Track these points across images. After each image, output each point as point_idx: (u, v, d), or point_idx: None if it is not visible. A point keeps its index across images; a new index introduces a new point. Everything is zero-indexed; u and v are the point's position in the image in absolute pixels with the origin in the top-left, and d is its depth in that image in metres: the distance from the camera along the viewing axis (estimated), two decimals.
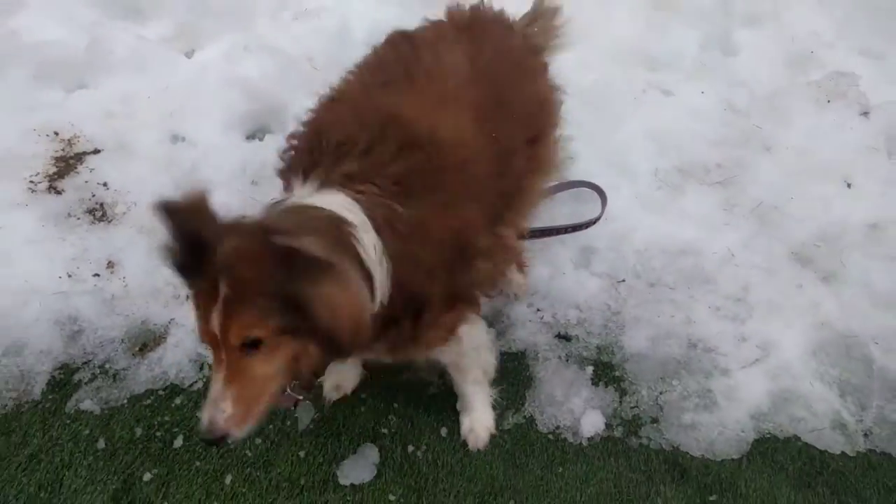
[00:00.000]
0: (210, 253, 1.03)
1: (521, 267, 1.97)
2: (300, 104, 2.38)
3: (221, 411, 1.09)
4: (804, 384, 1.84)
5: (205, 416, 1.11)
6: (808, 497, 1.65)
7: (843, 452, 1.74)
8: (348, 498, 1.57)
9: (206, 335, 1.09)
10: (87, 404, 1.68)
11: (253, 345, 1.08)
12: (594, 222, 2.06)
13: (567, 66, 1.96)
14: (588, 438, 1.72)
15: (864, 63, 2.68)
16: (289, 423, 1.69)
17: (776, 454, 1.72)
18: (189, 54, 2.59)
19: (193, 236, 1.03)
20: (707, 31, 2.69)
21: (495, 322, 1.93)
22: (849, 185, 2.35)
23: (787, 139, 2.47)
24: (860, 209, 2.25)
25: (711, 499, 1.63)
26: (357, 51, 2.17)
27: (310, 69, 2.45)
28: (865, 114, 2.52)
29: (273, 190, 2.07)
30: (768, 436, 1.76)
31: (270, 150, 2.31)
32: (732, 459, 1.71)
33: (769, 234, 2.19)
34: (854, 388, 1.85)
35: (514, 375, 1.82)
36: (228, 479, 1.58)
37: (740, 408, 1.80)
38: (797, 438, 1.76)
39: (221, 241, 1.04)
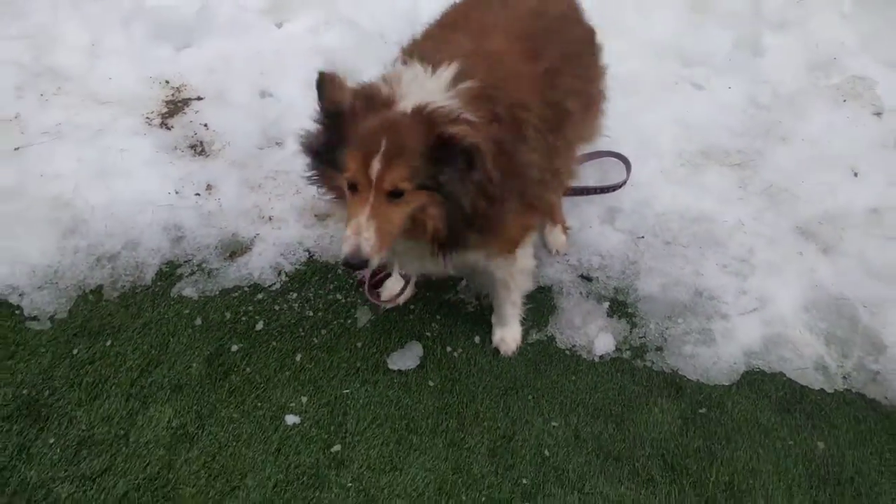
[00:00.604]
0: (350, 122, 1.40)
1: (564, 228, 2.29)
2: (372, 72, 2.78)
3: (365, 239, 1.39)
4: (794, 332, 2.10)
5: (348, 244, 1.40)
6: (785, 419, 1.91)
7: (822, 389, 1.99)
8: (395, 380, 1.90)
9: (361, 178, 1.40)
10: (188, 291, 2.06)
11: (397, 194, 1.41)
12: (620, 186, 2.37)
13: (607, 56, 2.27)
14: (599, 356, 2.02)
15: (883, 72, 2.92)
16: (349, 321, 2.03)
17: (762, 384, 1.99)
18: (279, 25, 2.98)
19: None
20: (738, 33, 2.97)
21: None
22: (855, 174, 2.59)
23: (802, 131, 2.73)
24: (863, 196, 2.50)
25: (701, 411, 1.91)
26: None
27: (382, 43, 2.81)
28: (878, 114, 2.77)
29: None
30: (757, 370, 2.03)
31: None
32: (723, 385, 1.99)
33: (777, 211, 2.45)
34: (839, 339, 2.10)
35: (540, 303, 2.13)
36: (298, 357, 1.93)
37: (735, 345, 2.07)
38: (782, 374, 2.02)
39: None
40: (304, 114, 2.66)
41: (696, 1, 3.03)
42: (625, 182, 2.37)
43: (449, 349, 1.99)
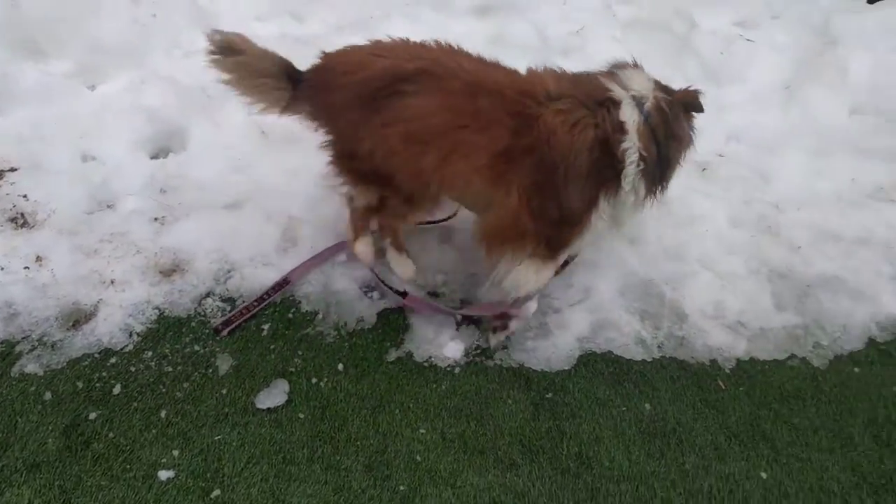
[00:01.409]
0: None
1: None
2: (199, 127, 2.82)
3: None
4: (615, 314, 2.43)
5: None
6: (618, 390, 2.21)
7: (643, 359, 2.33)
8: (265, 419, 1.95)
9: None
10: (30, 368, 1.97)
11: None
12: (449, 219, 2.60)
13: None
14: (454, 362, 2.20)
15: None
16: (211, 370, 2.05)
17: (595, 364, 2.28)
18: (92, 87, 2.92)
19: None
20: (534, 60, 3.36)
21: (377, 288, 2.40)
22: None
23: None
24: None
25: (548, 396, 2.15)
26: None
27: (205, 97, 2.85)
28: None
29: (180, 199, 2.46)
30: (590, 352, 2.32)
31: (173, 167, 2.70)
32: (564, 370, 2.25)
33: None
34: (651, 315, 2.46)
35: (394, 323, 2.28)
36: (163, 413, 1.92)
37: (569, 334, 2.35)
38: (611, 353, 2.33)
39: None
40: (132, 173, 2.68)
41: (493, 36, 3.39)
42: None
43: (314, 380, 2.08)
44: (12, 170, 2.54)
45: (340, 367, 2.13)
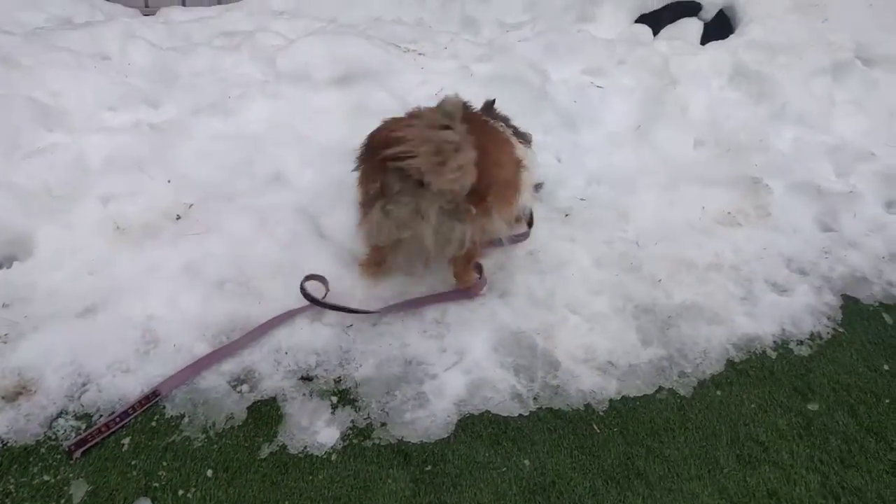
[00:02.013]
0: None
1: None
2: (46, 231, 2.69)
3: None
4: (490, 372, 2.47)
5: None
6: (497, 450, 2.24)
7: (520, 414, 2.37)
8: None
9: None
10: None
11: None
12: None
13: None
14: (331, 449, 2.16)
15: None
16: (64, 500, 1.92)
17: (474, 426, 2.30)
18: None
19: None
20: None
21: (247, 379, 2.34)
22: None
23: None
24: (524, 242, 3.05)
25: (427, 468, 2.15)
26: (94, 178, 2.58)
27: (50, 198, 2.73)
28: None
29: (27, 311, 2.34)
30: (467, 415, 2.34)
31: (18, 277, 2.56)
32: (443, 438, 2.25)
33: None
34: (525, 367, 2.51)
35: (266, 417, 2.23)
36: None
37: (446, 400, 2.36)
38: (488, 412, 2.36)
39: None
40: None
41: (355, 105, 3.45)
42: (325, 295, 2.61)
43: (181, 492, 1.98)
44: None
45: (210, 472, 2.04)
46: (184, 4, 4.33)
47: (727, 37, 4.33)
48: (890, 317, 3.03)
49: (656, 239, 3.22)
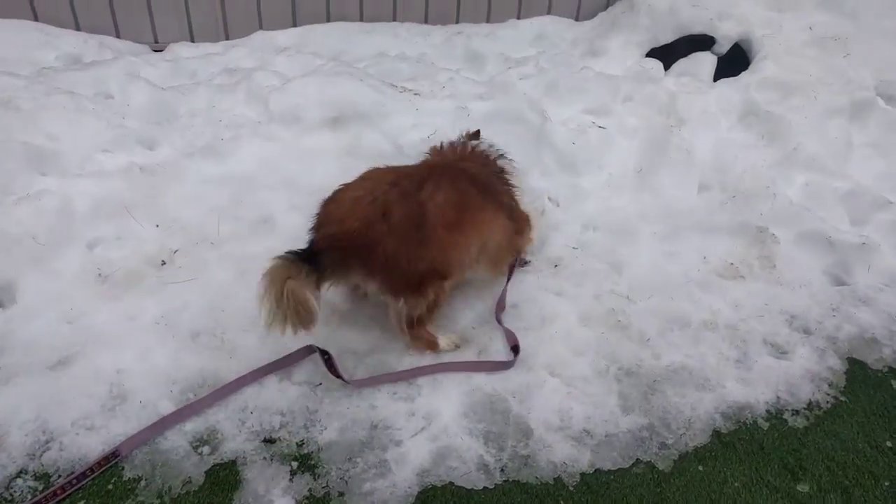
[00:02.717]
0: None
1: None
2: (29, 279, 2.72)
3: None
4: (457, 440, 2.39)
5: None
6: None
7: (484, 487, 2.28)
8: None
9: None
10: None
11: None
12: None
13: None
14: None
15: None
16: None
17: (434, 500, 2.23)
18: None
19: None
20: None
21: (210, 440, 2.31)
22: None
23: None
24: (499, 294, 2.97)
25: None
26: (81, 224, 2.60)
27: (35, 245, 2.77)
28: None
29: (2, 362, 2.36)
30: (429, 486, 2.26)
31: (3, 323, 2.60)
32: None
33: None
34: (495, 435, 2.43)
35: (224, 482, 2.19)
36: None
37: (408, 469, 2.30)
38: (452, 484, 2.28)
39: None
40: None
41: (347, 147, 3.42)
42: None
43: None
44: None
45: None
46: (192, 40, 4.37)
47: (740, 73, 4.17)
48: None
49: (650, 292, 3.10)
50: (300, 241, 3.07)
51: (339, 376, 2.51)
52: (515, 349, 2.71)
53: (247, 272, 2.83)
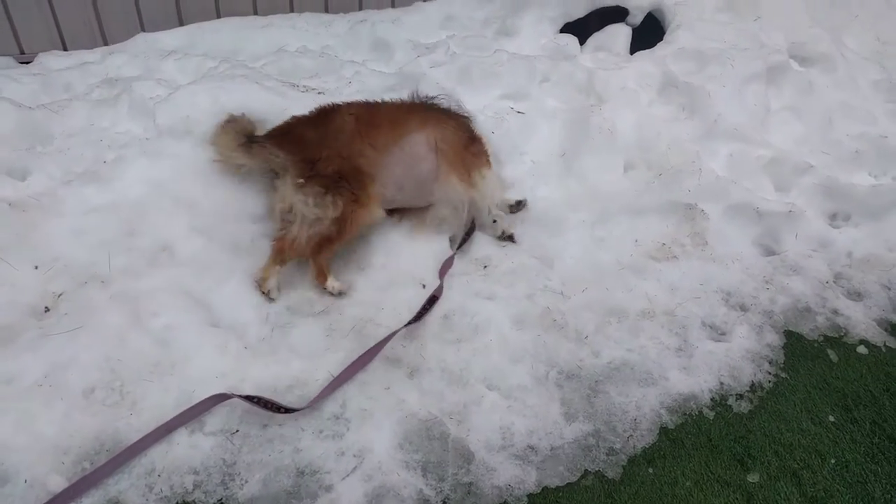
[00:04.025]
0: None
1: None
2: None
3: None
4: (393, 476, 2.20)
5: None
6: None
7: None
8: None
9: None
10: None
11: None
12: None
13: None
14: None
15: None
16: None
17: None
18: None
19: None
20: None
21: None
22: (423, 286, 2.87)
23: (375, 259, 2.97)
24: (436, 306, 2.77)
25: None
26: None
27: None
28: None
29: None
30: None
31: None
32: None
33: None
34: (434, 465, 2.25)
35: None
36: None
37: None
38: None
39: None
40: None
41: None
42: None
43: None
44: None
45: None
46: (65, 48, 3.93)
47: (656, 44, 4.07)
48: (835, 353, 2.82)
49: (584, 284, 2.97)
50: (205, 269, 2.82)
51: (285, 410, 2.29)
52: (433, 299, 2.74)
53: (142, 313, 2.53)
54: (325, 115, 2.92)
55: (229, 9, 4.15)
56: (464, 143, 3.04)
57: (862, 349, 2.85)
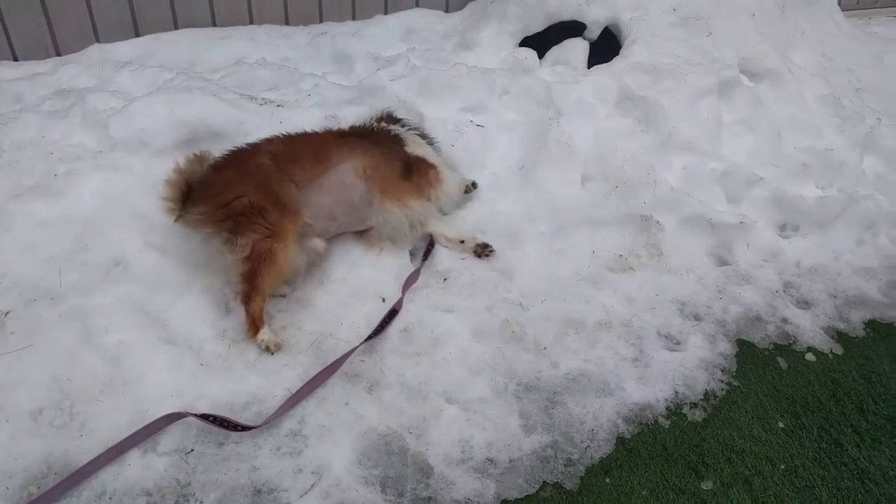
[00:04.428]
0: None
1: None
2: None
3: None
4: (352, 494, 2.18)
5: None
6: None
7: None
8: None
9: None
10: None
11: None
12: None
13: None
14: None
15: None
16: None
17: None
18: None
19: None
20: None
21: None
22: (384, 300, 2.87)
23: (335, 274, 2.96)
24: (397, 319, 2.77)
25: None
26: None
27: None
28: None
29: None
30: None
31: None
32: None
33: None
34: (393, 479, 2.24)
35: None
36: None
37: None
38: None
39: None
40: None
41: None
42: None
43: None
44: None
45: None
46: (15, 59, 3.83)
47: (612, 58, 4.15)
48: (784, 360, 2.91)
49: (542, 296, 3.01)
50: (159, 285, 2.78)
51: (242, 427, 2.27)
52: (393, 312, 2.76)
53: (93, 331, 2.47)
54: (240, 156, 2.83)
55: (187, 20, 4.10)
56: (396, 165, 3.07)
57: (810, 356, 2.94)
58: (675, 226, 3.42)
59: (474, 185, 3.42)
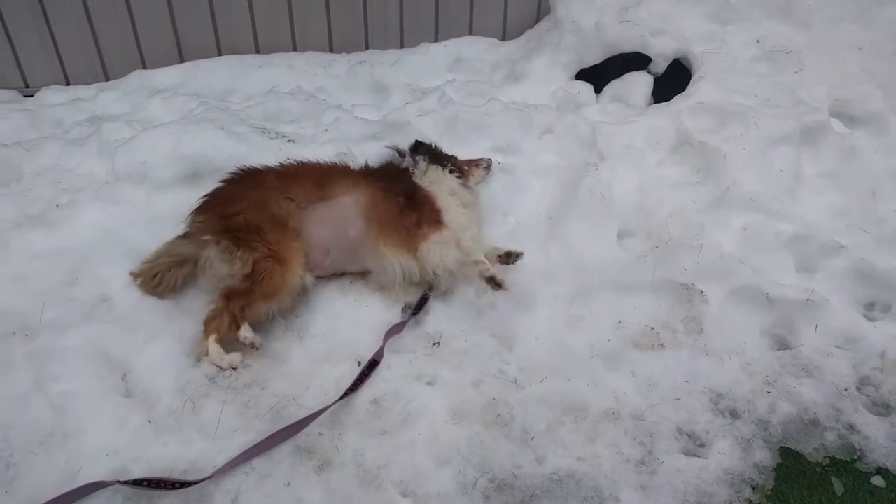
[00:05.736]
0: None
1: None
2: None
3: None
4: None
5: None
6: None
7: None
8: None
9: None
10: None
11: None
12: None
13: None
14: None
15: None
16: None
17: None
18: None
19: None
20: None
21: None
22: (359, 364, 2.60)
23: (314, 329, 2.73)
24: (365, 386, 2.49)
25: None
26: None
27: None
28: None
29: None
30: None
31: None
32: None
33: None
34: None
35: None
36: None
37: None
38: None
39: None
40: None
41: None
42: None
43: None
44: None
45: None
46: (68, 83, 3.96)
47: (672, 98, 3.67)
48: (841, 483, 2.33)
49: (544, 373, 2.61)
50: (135, 327, 2.67)
51: (181, 485, 2.11)
52: (373, 363, 2.55)
53: (44, 377, 2.38)
54: (249, 173, 2.82)
55: (230, 46, 4.07)
56: (399, 209, 2.79)
57: (878, 480, 2.34)
58: (722, 298, 2.90)
59: (517, 255, 2.84)
